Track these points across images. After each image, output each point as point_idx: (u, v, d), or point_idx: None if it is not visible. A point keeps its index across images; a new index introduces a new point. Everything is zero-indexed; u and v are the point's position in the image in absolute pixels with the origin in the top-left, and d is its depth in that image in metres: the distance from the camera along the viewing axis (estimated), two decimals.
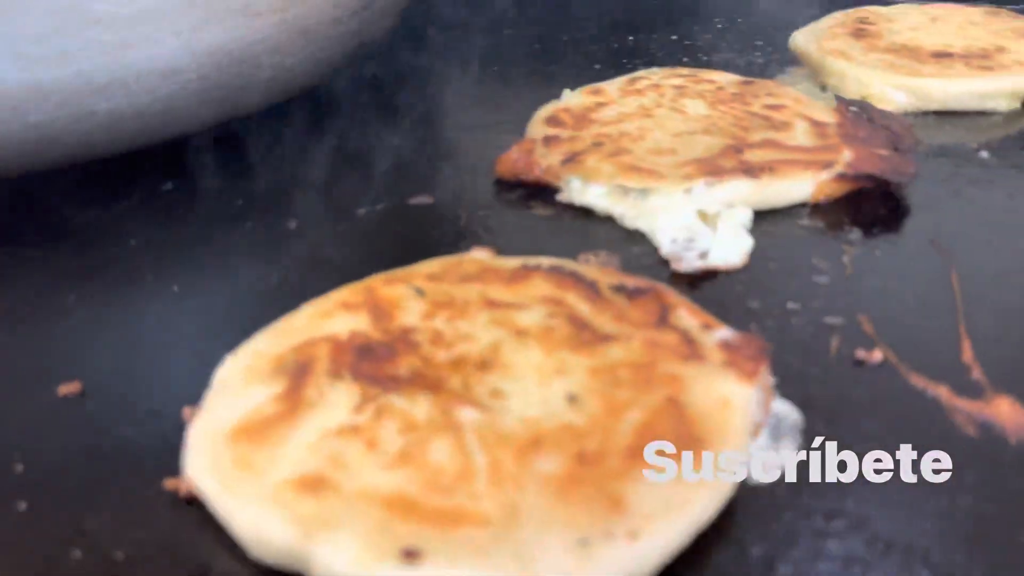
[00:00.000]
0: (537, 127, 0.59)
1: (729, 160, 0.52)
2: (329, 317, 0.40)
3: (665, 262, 0.48)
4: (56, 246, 0.52)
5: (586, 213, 0.53)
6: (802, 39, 0.72)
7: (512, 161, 0.56)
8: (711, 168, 0.51)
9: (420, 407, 0.34)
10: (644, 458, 0.31)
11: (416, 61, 0.78)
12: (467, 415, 0.33)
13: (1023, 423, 0.36)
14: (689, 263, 0.47)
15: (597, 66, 0.76)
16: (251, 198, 0.56)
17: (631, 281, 0.41)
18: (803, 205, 0.52)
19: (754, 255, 0.48)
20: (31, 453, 0.37)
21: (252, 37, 0.58)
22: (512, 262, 0.43)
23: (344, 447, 0.33)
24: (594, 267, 0.43)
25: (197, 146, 0.57)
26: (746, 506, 0.32)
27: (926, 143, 0.57)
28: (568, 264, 0.43)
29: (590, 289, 0.40)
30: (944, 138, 0.60)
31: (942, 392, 0.38)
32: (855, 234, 0.49)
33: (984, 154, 0.57)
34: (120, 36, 0.53)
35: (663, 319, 0.38)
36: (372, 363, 0.36)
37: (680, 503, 0.30)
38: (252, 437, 0.33)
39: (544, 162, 0.55)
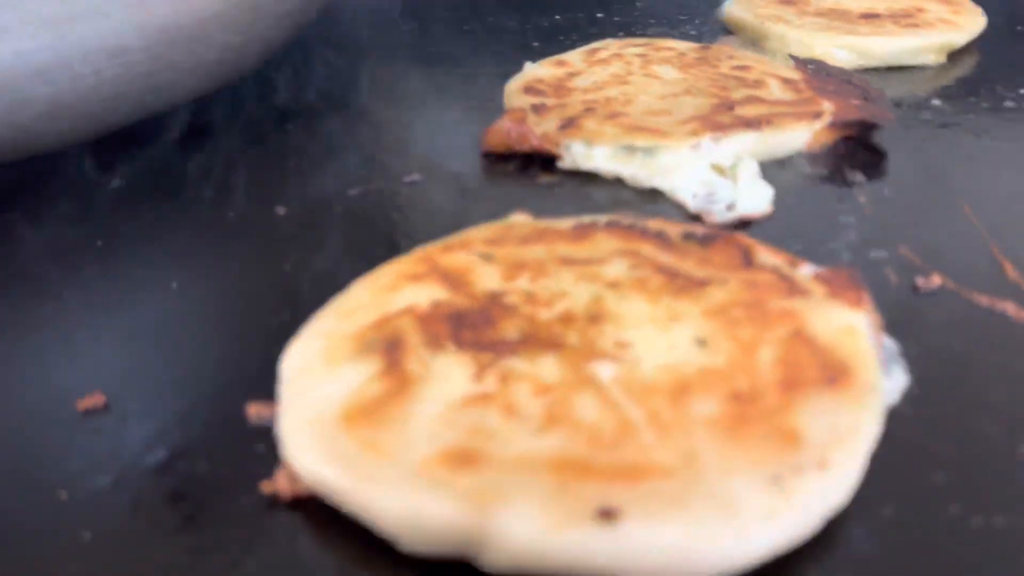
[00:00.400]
0: (517, 97, 0.57)
1: (725, 116, 0.52)
2: (394, 291, 0.36)
3: (692, 218, 0.47)
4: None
5: (590, 178, 0.51)
6: (736, 9, 0.73)
7: (504, 132, 0.53)
8: (713, 124, 0.51)
9: (547, 367, 0.31)
10: (802, 390, 0.30)
11: (334, 54, 0.74)
12: (602, 369, 0.31)
13: None
14: (721, 215, 0.46)
15: (536, 43, 0.75)
16: (227, 186, 0.51)
17: (697, 229, 0.40)
18: (798, 155, 0.53)
19: (776, 203, 0.48)
20: (71, 478, 0.31)
21: (205, 11, 0.53)
22: (564, 222, 0.41)
23: (480, 416, 0.29)
24: (651, 220, 0.42)
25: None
26: None
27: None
28: (624, 218, 0.41)
29: (661, 239, 0.39)
30: (892, 91, 0.63)
31: (1008, 307, 0.39)
32: (859, 177, 0.51)
33: (936, 102, 0.61)
34: (64, 8, 0.47)
35: (748, 260, 0.37)
36: (472, 330, 0.33)
37: (850, 428, 0.29)
38: (370, 418, 0.30)
39: (539, 129, 0.53)
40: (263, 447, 0.32)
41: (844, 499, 0.28)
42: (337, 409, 0.30)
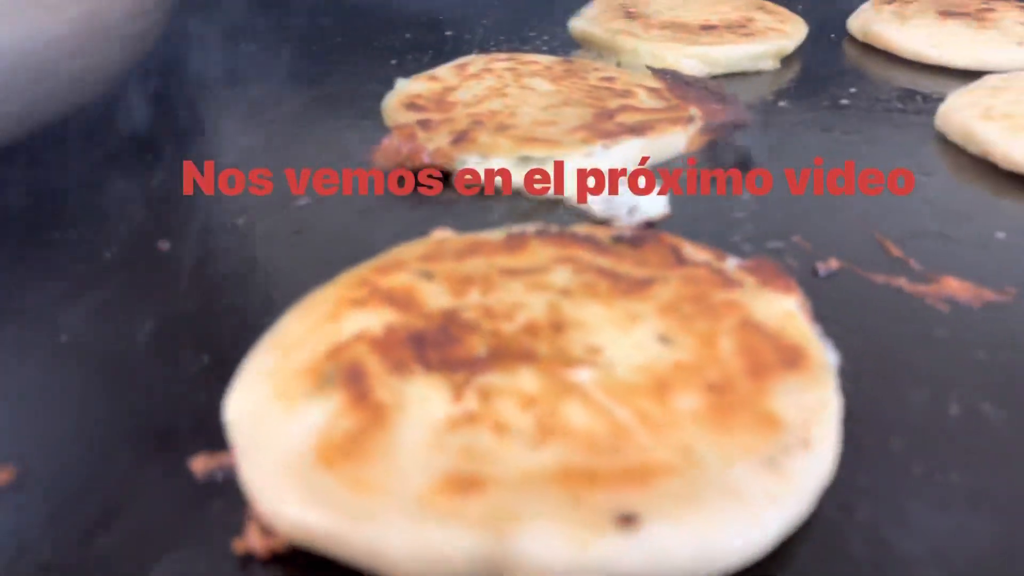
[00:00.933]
0: (399, 114, 0.56)
1: (608, 124, 0.54)
2: (337, 319, 0.34)
3: (598, 223, 0.48)
4: None
5: (487, 191, 0.51)
6: (583, 24, 0.76)
7: (394, 149, 0.52)
8: (600, 132, 0.52)
9: (525, 380, 0.30)
10: (769, 374, 0.31)
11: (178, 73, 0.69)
12: (582, 375, 0.31)
13: (974, 292, 0.42)
14: (626, 220, 0.47)
15: (393, 61, 0.73)
16: (98, 222, 0.46)
17: (624, 231, 0.40)
18: (677, 159, 0.55)
19: (671, 204, 0.49)
20: None
21: (53, 32, 0.48)
22: (492, 234, 0.41)
23: (471, 438, 0.28)
24: (578, 226, 0.42)
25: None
26: None
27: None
28: (549, 227, 0.41)
29: (593, 244, 0.39)
30: (740, 95, 0.67)
31: (903, 283, 0.43)
32: (735, 175, 0.54)
33: (783, 103, 0.65)
34: None
35: (680, 258, 0.38)
36: (437, 350, 0.32)
37: (820, 405, 0.31)
38: (350, 454, 0.28)
39: (431, 145, 0.52)
40: (220, 503, 0.30)
41: (830, 473, 0.29)
42: (309, 449, 0.28)
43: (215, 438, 0.31)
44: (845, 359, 0.36)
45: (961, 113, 0.58)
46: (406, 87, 0.60)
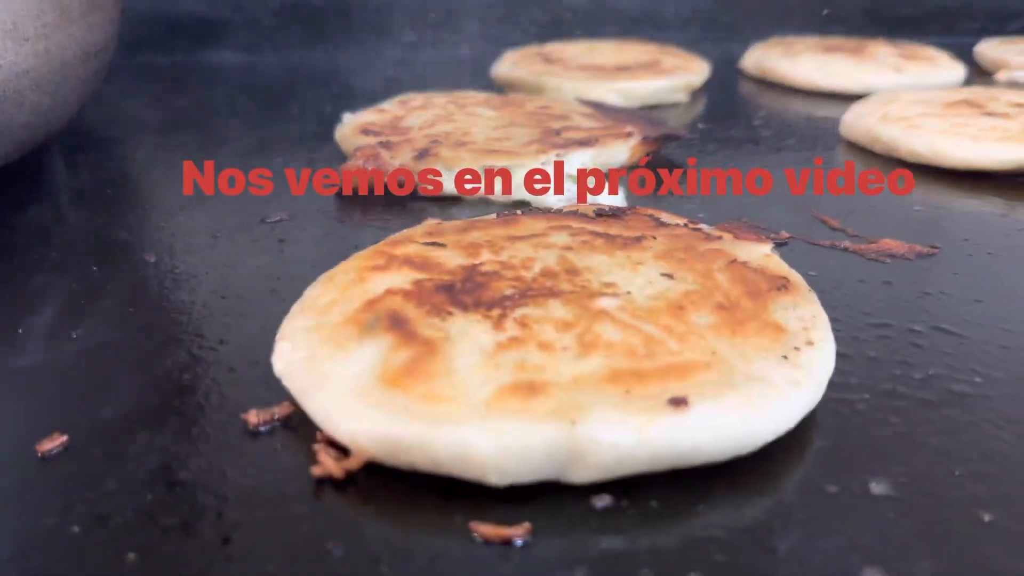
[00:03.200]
0: (356, 138, 0.58)
1: (557, 139, 0.58)
2: (363, 282, 0.36)
3: None
4: None
5: (454, 200, 0.54)
6: (505, 68, 0.81)
7: (358, 168, 0.54)
8: (552, 144, 0.56)
9: (557, 310, 0.33)
10: (765, 296, 0.35)
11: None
12: (607, 302, 0.33)
13: (910, 248, 0.47)
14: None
15: (328, 107, 0.76)
16: (79, 240, 0.46)
17: (604, 207, 0.44)
18: (622, 168, 0.60)
19: (628, 202, 0.54)
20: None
21: (18, 67, 0.49)
22: (481, 217, 0.43)
23: (522, 355, 0.30)
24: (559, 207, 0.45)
25: None
26: None
27: None
28: (534, 208, 0.44)
29: (579, 216, 0.42)
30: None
31: (848, 244, 0.48)
32: (677, 179, 0.59)
33: (703, 125, 0.72)
34: None
35: (660, 223, 0.42)
36: (469, 295, 0.34)
37: (813, 316, 0.34)
38: (415, 376, 0.29)
39: (396, 161, 0.55)
40: (278, 446, 0.30)
41: (832, 366, 0.33)
42: (373, 378, 0.30)
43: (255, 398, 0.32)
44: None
45: (863, 120, 0.65)
46: (356, 118, 0.63)
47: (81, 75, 0.55)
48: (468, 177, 0.53)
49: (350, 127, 0.61)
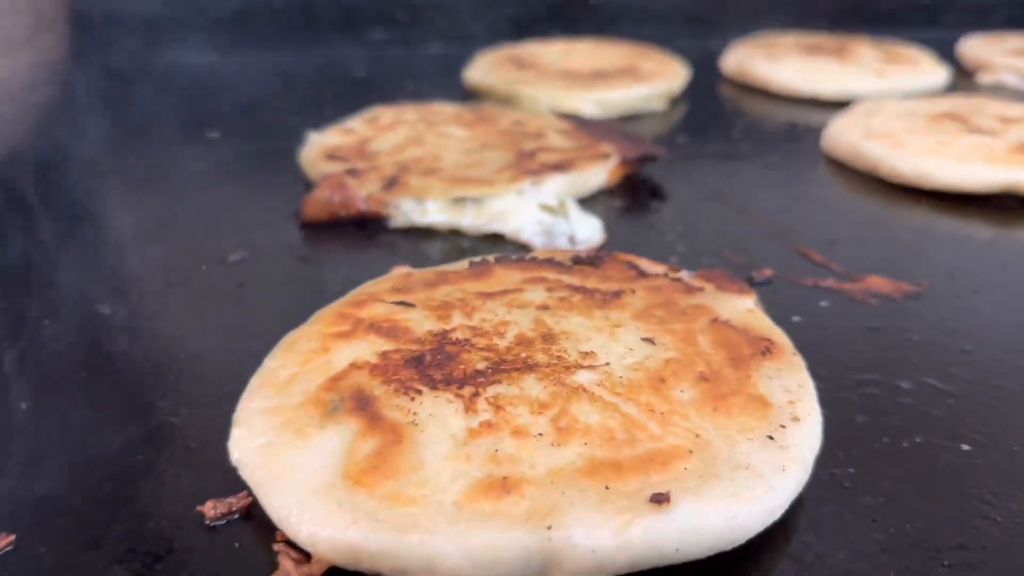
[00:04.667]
0: (321, 165, 0.56)
1: (531, 163, 0.56)
2: (326, 352, 0.34)
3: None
4: None
5: (424, 233, 0.52)
6: (477, 75, 0.78)
7: (323, 200, 0.52)
8: (526, 170, 0.54)
9: (532, 387, 0.31)
10: (749, 362, 0.33)
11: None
12: (584, 377, 0.32)
13: (896, 287, 0.46)
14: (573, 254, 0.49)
15: (294, 118, 0.73)
16: (35, 287, 0.44)
17: (580, 253, 0.42)
18: (599, 193, 0.58)
19: (604, 232, 0.52)
20: None
21: None
22: (454, 265, 0.41)
23: (495, 444, 0.29)
24: (534, 253, 0.43)
25: None
26: None
27: None
28: (508, 255, 0.42)
29: (556, 265, 0.41)
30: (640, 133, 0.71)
31: (831, 283, 0.46)
32: (656, 204, 0.57)
33: (681, 139, 0.70)
34: None
35: (639, 272, 0.40)
36: (440, 369, 0.32)
37: (799, 385, 0.33)
38: (379, 472, 0.28)
39: (363, 192, 0.52)
40: (237, 544, 0.29)
41: (819, 442, 0.31)
42: (335, 473, 0.28)
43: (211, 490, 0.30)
44: (800, 350, 0.39)
45: (846, 135, 0.63)
46: (321, 140, 0.60)
47: (29, 103, 0.53)
48: (435, 218, 0.51)
49: (315, 151, 0.58)
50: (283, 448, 0.29)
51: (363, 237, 0.52)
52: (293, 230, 0.52)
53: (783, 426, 0.31)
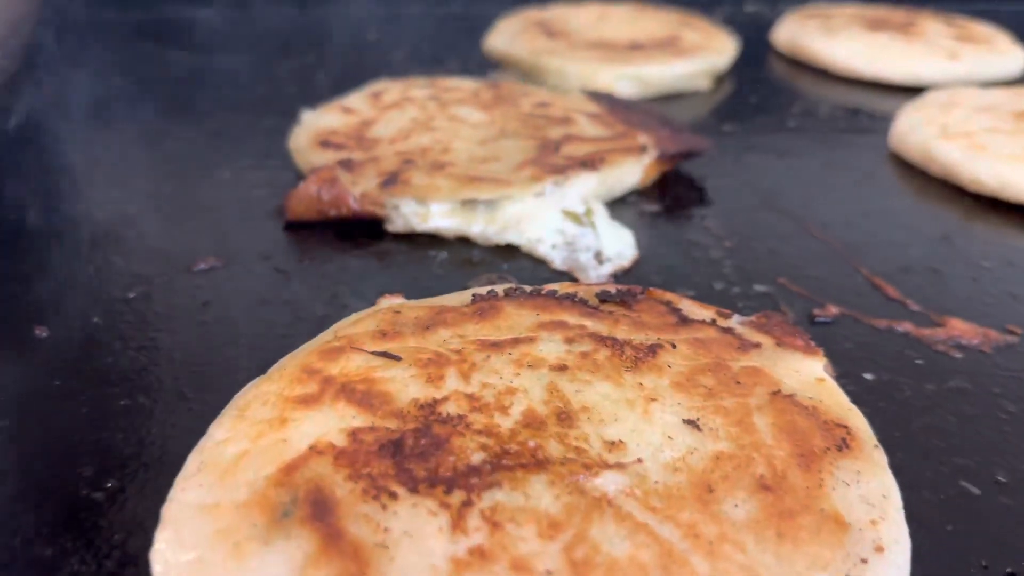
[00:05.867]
0: (313, 153, 0.49)
1: (556, 158, 0.48)
2: (285, 424, 0.27)
3: (560, 273, 0.42)
4: None
5: (427, 239, 0.45)
6: (501, 43, 0.70)
7: (312, 196, 0.45)
8: (550, 167, 0.47)
9: (541, 495, 0.24)
10: (820, 461, 0.26)
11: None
12: (608, 483, 0.25)
13: (981, 334, 0.38)
14: (595, 270, 0.42)
15: (292, 88, 0.66)
16: None
17: (609, 287, 0.35)
18: (631, 193, 0.50)
19: (637, 246, 0.44)
20: None
21: None
22: (453, 298, 0.34)
23: None
24: (551, 284, 0.36)
25: None
26: None
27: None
28: (520, 285, 0.35)
29: (578, 304, 0.33)
30: (679, 118, 0.63)
31: (908, 327, 0.38)
32: (698, 209, 0.49)
33: (727, 127, 0.61)
34: None
35: (681, 317, 0.33)
36: (422, 462, 0.25)
37: (881, 496, 0.26)
38: None
39: (357, 189, 0.45)
40: None
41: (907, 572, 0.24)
42: None
43: None
44: (876, 427, 0.31)
45: (917, 133, 0.55)
46: (316, 121, 0.52)
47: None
48: (440, 223, 0.44)
49: (307, 135, 0.51)
50: (215, 570, 0.22)
51: (355, 243, 0.44)
52: (275, 231, 0.45)
53: (864, 560, 0.23)
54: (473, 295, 0.34)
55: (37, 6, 0.55)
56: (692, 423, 0.27)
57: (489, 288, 0.34)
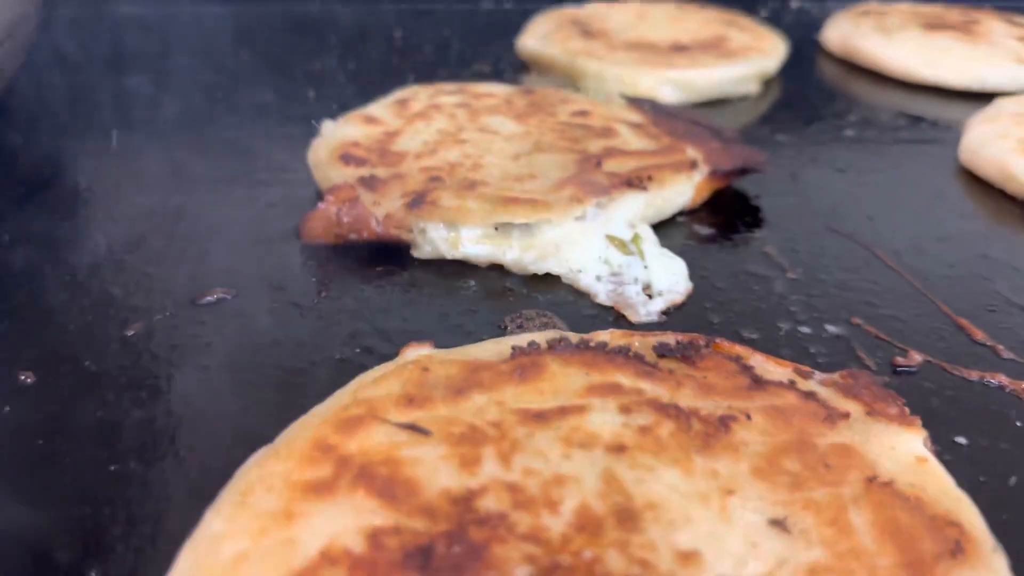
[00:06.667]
0: (332, 168, 0.44)
1: (598, 175, 0.43)
2: (290, 522, 0.22)
3: (606, 307, 0.38)
4: None
5: (456, 266, 0.40)
6: (535, 43, 0.66)
7: (331, 217, 0.41)
8: (593, 187, 0.42)
9: None
10: (930, 572, 0.21)
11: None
12: None
13: None
14: (645, 308, 0.37)
15: (311, 92, 0.62)
16: None
17: (667, 338, 0.30)
18: (680, 214, 0.46)
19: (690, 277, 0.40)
20: None
21: None
22: (487, 348, 0.30)
23: None
24: (601, 332, 0.31)
25: None
26: None
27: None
28: (564, 333, 0.30)
29: (633, 361, 0.29)
30: (731, 128, 0.58)
31: (1002, 379, 0.34)
32: (754, 232, 0.44)
33: (781, 136, 0.57)
34: None
35: (754, 378, 0.28)
36: (455, 575, 0.21)
37: None
38: None
39: (380, 210, 0.41)
40: None
41: None
42: None
43: None
44: (967, 487, 0.27)
45: (990, 148, 0.50)
46: (336, 132, 0.48)
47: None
48: (471, 250, 0.39)
49: (327, 148, 0.46)
50: None
51: (377, 271, 0.40)
52: (291, 255, 0.41)
53: None
54: (512, 348, 0.29)
55: (37, 6, 0.52)
56: (779, 524, 0.23)
57: (530, 339, 0.30)
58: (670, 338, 0.30)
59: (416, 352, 0.30)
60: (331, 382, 0.29)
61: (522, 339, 0.30)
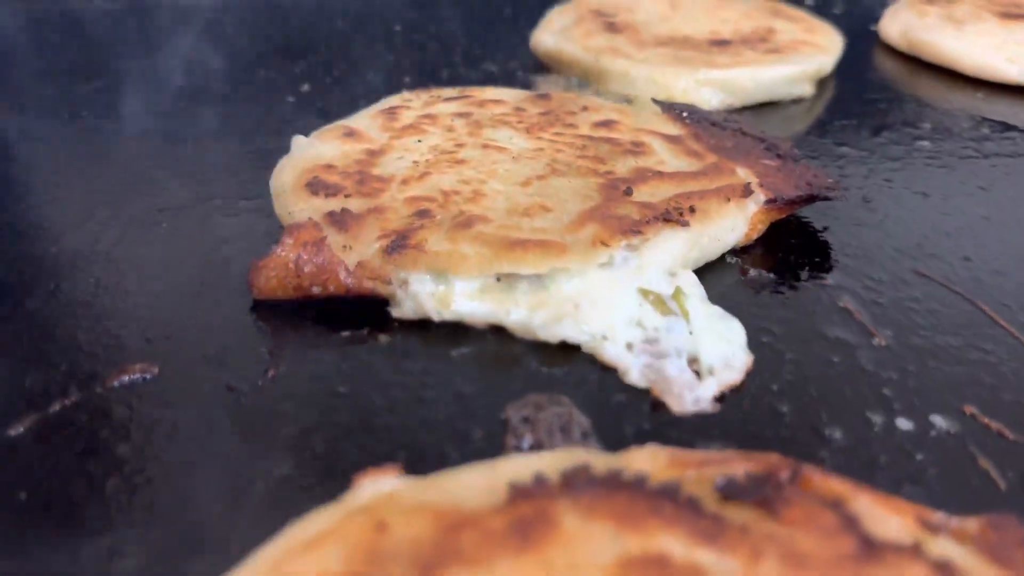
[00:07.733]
0: (296, 199, 0.36)
1: (626, 207, 0.35)
2: None
3: (640, 388, 0.29)
4: None
5: (448, 330, 0.32)
6: (552, 39, 0.57)
7: (286, 266, 0.32)
8: (619, 224, 0.33)
9: None
10: None
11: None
12: None
13: None
14: (692, 394, 0.28)
15: (291, 98, 0.53)
16: None
17: (735, 467, 0.21)
18: (729, 252, 0.37)
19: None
20: None
21: None
22: (472, 485, 0.21)
23: None
24: (638, 454, 0.22)
25: None
26: None
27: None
28: (584, 458, 0.22)
29: (686, 509, 0.20)
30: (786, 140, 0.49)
31: None
32: (827, 279, 0.35)
33: (843, 149, 0.47)
34: None
35: (863, 539, 0.19)
36: None
37: None
38: None
39: (351, 257, 0.32)
40: None
41: None
42: None
43: None
44: None
45: None
46: (308, 150, 0.39)
47: None
48: (463, 308, 0.31)
49: (293, 171, 0.38)
50: None
51: (344, 335, 0.31)
52: (238, 314, 0.32)
53: None
54: (509, 486, 0.20)
55: None
56: None
57: (535, 471, 0.21)
58: (739, 467, 0.21)
59: (374, 486, 0.21)
60: (261, 522, 0.21)
61: (524, 467, 0.21)
